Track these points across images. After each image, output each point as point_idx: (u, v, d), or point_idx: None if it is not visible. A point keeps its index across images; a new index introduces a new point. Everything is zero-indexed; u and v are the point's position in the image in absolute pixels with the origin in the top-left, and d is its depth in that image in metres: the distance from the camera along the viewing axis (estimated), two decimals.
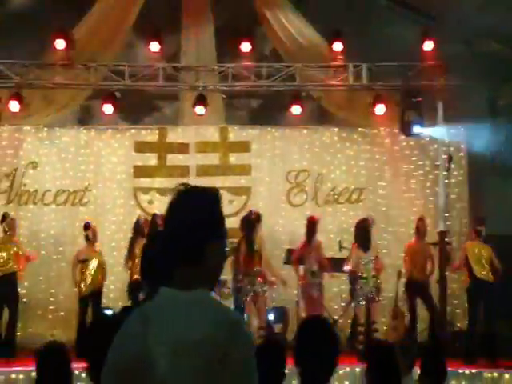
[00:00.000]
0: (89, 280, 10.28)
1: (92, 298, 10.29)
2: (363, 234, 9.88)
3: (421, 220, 10.44)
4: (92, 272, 10.31)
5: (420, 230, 10.36)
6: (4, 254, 10.03)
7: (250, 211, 10.14)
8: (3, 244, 10.14)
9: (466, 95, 11.08)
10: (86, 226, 10.57)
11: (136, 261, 9.50)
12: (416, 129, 10.87)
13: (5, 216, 10.36)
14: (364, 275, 9.76)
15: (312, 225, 10.34)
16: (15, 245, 10.21)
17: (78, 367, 4.85)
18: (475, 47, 11.34)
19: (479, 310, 9.80)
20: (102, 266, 10.45)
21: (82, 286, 10.30)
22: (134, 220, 10.55)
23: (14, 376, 8.35)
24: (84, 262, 10.33)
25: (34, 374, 7.67)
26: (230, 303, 10.34)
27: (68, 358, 3.61)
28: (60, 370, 3.56)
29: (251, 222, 9.77)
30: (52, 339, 3.80)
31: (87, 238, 10.49)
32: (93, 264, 10.34)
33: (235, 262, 9.78)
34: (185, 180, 11.96)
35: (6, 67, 11.00)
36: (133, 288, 9.46)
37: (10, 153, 11.96)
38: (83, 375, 8.11)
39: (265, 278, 9.82)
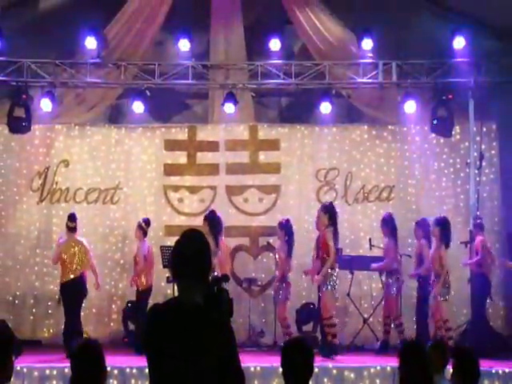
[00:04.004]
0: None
1: None
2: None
3: None
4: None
5: None
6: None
7: None
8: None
9: (498, 92, 10.98)
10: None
11: None
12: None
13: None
14: None
15: None
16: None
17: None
18: (507, 43, 11.20)
19: None
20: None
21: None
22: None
23: (47, 372, 8.45)
24: None
25: (67, 370, 7.83)
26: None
27: (102, 355, 3.67)
28: (95, 368, 3.61)
29: None
30: (86, 337, 3.85)
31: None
32: None
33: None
34: (215, 178, 12.03)
35: (38, 66, 11.12)
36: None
37: (42, 151, 12.11)
38: (115, 372, 8.25)
39: None
